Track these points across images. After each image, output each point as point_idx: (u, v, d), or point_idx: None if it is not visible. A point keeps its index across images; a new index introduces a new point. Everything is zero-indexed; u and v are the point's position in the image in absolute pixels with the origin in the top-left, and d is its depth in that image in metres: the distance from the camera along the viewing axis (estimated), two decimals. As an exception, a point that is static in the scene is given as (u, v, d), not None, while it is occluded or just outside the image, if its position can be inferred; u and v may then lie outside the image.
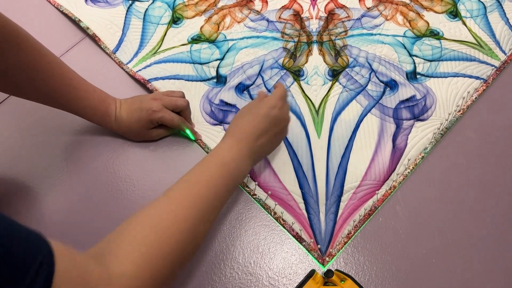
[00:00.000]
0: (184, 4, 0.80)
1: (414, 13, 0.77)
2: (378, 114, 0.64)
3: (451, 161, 0.60)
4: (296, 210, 0.56)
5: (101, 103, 0.57)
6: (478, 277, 0.51)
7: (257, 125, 0.49)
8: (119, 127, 0.60)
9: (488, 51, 0.71)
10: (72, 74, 0.55)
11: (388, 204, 0.56)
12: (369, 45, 0.73)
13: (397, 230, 0.54)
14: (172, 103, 0.59)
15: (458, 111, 0.64)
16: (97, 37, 0.74)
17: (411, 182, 0.58)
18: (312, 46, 0.73)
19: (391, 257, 0.53)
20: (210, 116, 0.65)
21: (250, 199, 0.58)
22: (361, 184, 0.58)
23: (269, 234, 0.55)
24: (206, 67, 0.71)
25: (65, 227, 0.56)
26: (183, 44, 0.74)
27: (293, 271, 0.52)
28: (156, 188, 0.59)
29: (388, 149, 0.61)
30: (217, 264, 0.53)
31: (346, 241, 0.54)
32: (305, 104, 0.66)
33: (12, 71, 0.48)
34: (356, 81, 0.68)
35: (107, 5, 0.80)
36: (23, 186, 0.60)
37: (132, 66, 0.71)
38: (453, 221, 0.55)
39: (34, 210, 0.58)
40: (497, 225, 0.55)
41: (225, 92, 0.68)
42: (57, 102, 0.55)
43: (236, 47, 0.73)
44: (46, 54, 0.51)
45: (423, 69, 0.69)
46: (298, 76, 0.69)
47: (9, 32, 0.46)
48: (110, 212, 0.57)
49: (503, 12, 0.77)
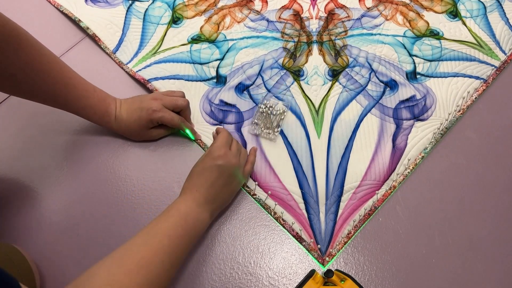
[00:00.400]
0: (184, 4, 0.80)
1: (414, 13, 0.77)
2: (378, 114, 0.64)
3: (451, 161, 0.60)
4: (296, 210, 0.56)
5: (101, 102, 0.57)
6: (478, 277, 0.51)
7: (206, 177, 0.51)
8: (119, 126, 0.60)
9: (488, 51, 0.71)
10: (72, 73, 0.55)
11: (388, 204, 0.56)
12: (369, 45, 0.73)
13: (397, 230, 0.54)
14: (172, 102, 0.59)
15: (458, 111, 0.64)
16: (97, 37, 0.74)
17: (411, 182, 0.58)
18: (312, 46, 0.73)
19: (391, 257, 0.53)
20: (210, 116, 0.65)
21: (250, 199, 0.58)
22: (361, 184, 0.58)
23: (269, 234, 0.55)
24: (206, 67, 0.71)
25: (65, 227, 0.56)
26: (183, 44, 0.74)
27: (293, 271, 0.52)
28: (156, 188, 0.59)
29: (388, 149, 0.61)
30: (217, 264, 0.53)
31: (346, 241, 0.54)
32: (305, 104, 0.66)
33: (12, 71, 0.48)
34: (356, 81, 0.68)
35: (107, 5, 0.80)
36: (23, 186, 0.60)
37: (132, 66, 0.71)
38: (453, 221, 0.55)
39: (34, 210, 0.58)
40: (497, 225, 0.55)
41: (225, 92, 0.68)
42: (57, 102, 0.55)
43: (236, 47, 0.73)
44: (46, 54, 0.51)
45: (423, 69, 0.69)
46: (298, 76, 0.69)
47: (9, 32, 0.46)
48: (110, 212, 0.57)
49: (503, 12, 0.77)
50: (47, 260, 0.54)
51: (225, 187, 0.52)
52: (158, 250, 0.43)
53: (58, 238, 0.55)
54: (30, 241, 0.55)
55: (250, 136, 0.63)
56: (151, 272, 0.41)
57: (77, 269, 0.53)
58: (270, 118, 0.64)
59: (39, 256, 0.54)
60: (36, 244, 0.55)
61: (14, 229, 0.56)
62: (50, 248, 0.55)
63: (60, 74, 0.53)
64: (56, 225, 0.56)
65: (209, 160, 0.52)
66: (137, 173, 0.60)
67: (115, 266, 0.40)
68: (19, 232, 0.56)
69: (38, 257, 0.54)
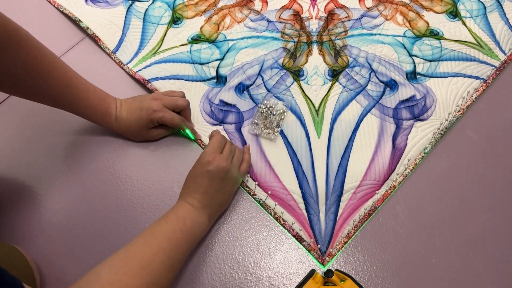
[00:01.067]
0: (184, 4, 0.80)
1: (414, 13, 0.77)
2: (378, 114, 0.64)
3: (451, 161, 0.60)
4: (296, 210, 0.56)
5: (101, 102, 0.57)
6: (478, 277, 0.51)
7: (198, 184, 0.52)
8: (119, 126, 0.60)
9: (488, 51, 0.71)
10: (72, 73, 0.55)
11: (388, 204, 0.56)
12: (369, 45, 0.73)
13: (397, 230, 0.54)
14: (173, 102, 0.59)
15: (458, 111, 0.64)
16: (97, 37, 0.74)
17: (411, 182, 0.58)
18: (312, 46, 0.73)
19: (391, 257, 0.53)
20: (210, 116, 0.65)
21: (250, 199, 0.58)
22: (361, 184, 0.58)
23: (269, 234, 0.55)
24: (206, 67, 0.71)
25: (65, 227, 0.56)
26: (183, 44, 0.74)
27: (293, 271, 0.52)
28: (156, 188, 0.59)
29: (388, 149, 0.61)
30: (217, 264, 0.53)
31: (346, 241, 0.54)
32: (305, 104, 0.66)
33: (12, 71, 0.48)
34: (356, 81, 0.68)
35: (107, 5, 0.80)
36: (23, 186, 0.60)
37: (132, 66, 0.71)
38: (453, 221, 0.55)
39: (34, 210, 0.58)
40: (497, 225, 0.55)
41: (225, 92, 0.68)
42: (57, 102, 0.55)
43: (236, 47, 0.73)
44: (47, 54, 0.51)
45: (423, 69, 0.69)
46: (298, 76, 0.69)
47: (10, 32, 0.46)
48: (110, 212, 0.57)
49: (503, 12, 0.77)
50: (47, 260, 0.54)
51: (219, 192, 0.53)
52: (158, 251, 0.44)
53: (58, 238, 0.55)
54: (30, 241, 0.55)
55: (250, 136, 0.63)
56: (152, 272, 0.42)
57: (77, 269, 0.53)
58: (270, 118, 0.64)
59: (39, 256, 0.54)
60: (36, 244, 0.55)
61: (14, 229, 0.56)
62: (50, 248, 0.55)
63: (60, 74, 0.53)
64: (56, 225, 0.56)
65: (199, 167, 0.52)
66: (137, 173, 0.60)
67: (118, 267, 0.41)
68: (19, 232, 0.56)
69: (38, 257, 0.54)
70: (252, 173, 0.59)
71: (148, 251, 0.43)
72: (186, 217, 0.49)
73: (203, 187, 0.51)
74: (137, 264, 0.41)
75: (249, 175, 0.59)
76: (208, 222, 0.52)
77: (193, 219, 0.50)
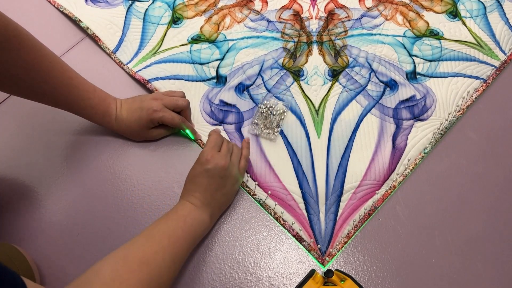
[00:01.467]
0: (184, 4, 0.80)
1: (414, 13, 0.77)
2: (378, 114, 0.64)
3: (451, 161, 0.60)
4: (296, 210, 0.56)
5: (101, 102, 0.57)
6: (478, 277, 0.51)
7: (198, 183, 0.52)
8: (120, 126, 0.60)
9: (488, 51, 0.71)
10: (73, 73, 0.55)
11: (388, 204, 0.56)
12: (369, 45, 0.73)
13: (397, 230, 0.54)
14: (173, 102, 0.59)
15: (458, 111, 0.64)
16: (97, 37, 0.74)
17: (411, 182, 0.58)
18: (312, 46, 0.73)
19: (391, 257, 0.53)
20: (210, 116, 0.65)
21: (250, 199, 0.58)
22: (361, 184, 0.58)
23: (269, 234, 0.55)
24: (206, 67, 0.71)
25: (65, 227, 0.56)
26: (183, 44, 0.74)
27: (293, 271, 0.52)
28: (156, 188, 0.59)
29: (388, 149, 0.61)
30: (217, 264, 0.53)
31: (346, 241, 0.54)
32: (305, 104, 0.66)
33: (13, 71, 0.48)
34: (356, 81, 0.68)
35: (107, 5, 0.80)
36: (23, 186, 0.60)
37: (132, 66, 0.71)
38: (453, 221, 0.55)
39: (34, 210, 0.58)
40: (497, 225, 0.55)
41: (225, 92, 0.68)
42: (57, 102, 0.55)
43: (236, 47, 0.73)
44: (47, 54, 0.51)
45: (423, 69, 0.69)
46: (298, 76, 0.69)
47: (10, 32, 0.46)
48: (110, 212, 0.57)
49: (503, 12, 0.77)
50: (47, 260, 0.54)
51: (220, 190, 0.53)
52: (159, 249, 0.44)
53: (58, 238, 0.56)
54: (30, 241, 0.55)
55: (250, 136, 0.63)
56: (153, 269, 0.42)
57: (77, 269, 0.53)
58: (270, 118, 0.64)
59: (39, 256, 0.54)
60: (36, 244, 0.55)
61: (14, 229, 0.56)
62: (50, 248, 0.55)
63: (61, 74, 0.53)
64: (56, 225, 0.56)
65: (198, 166, 0.53)
66: (137, 173, 0.60)
67: (119, 263, 0.41)
68: (19, 232, 0.56)
69: (38, 257, 0.54)
70: (252, 173, 0.59)
71: (148, 249, 0.43)
72: (187, 216, 0.49)
73: (202, 186, 0.52)
74: (137, 261, 0.41)
75: (249, 175, 0.59)
76: (209, 221, 0.52)
77: (193, 217, 0.50)
